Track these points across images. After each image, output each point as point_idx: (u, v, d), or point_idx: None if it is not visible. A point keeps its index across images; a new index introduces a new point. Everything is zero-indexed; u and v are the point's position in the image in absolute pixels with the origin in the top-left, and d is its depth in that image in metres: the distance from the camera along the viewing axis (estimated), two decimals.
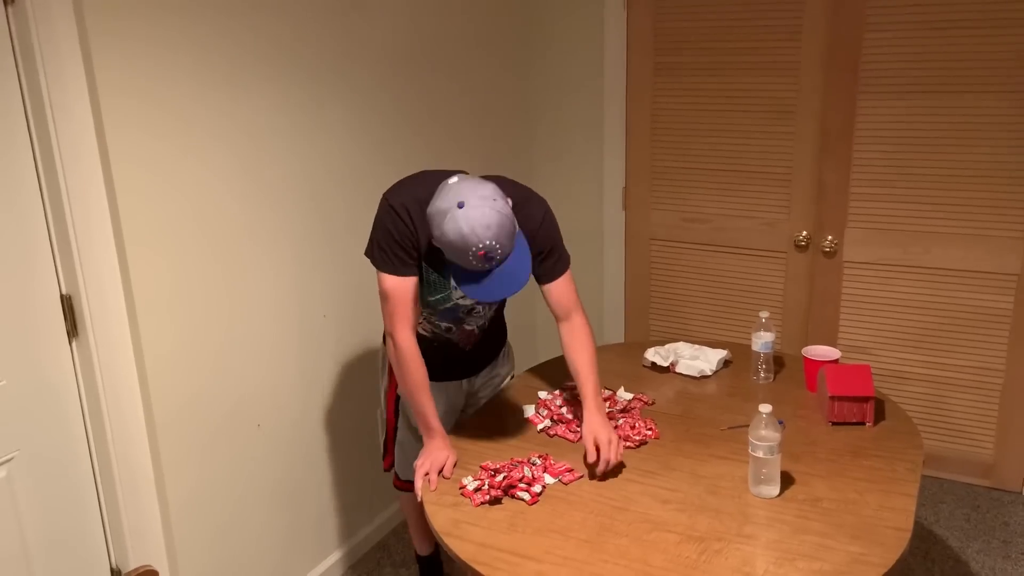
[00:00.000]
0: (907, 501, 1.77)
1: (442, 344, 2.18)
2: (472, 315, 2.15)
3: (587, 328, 2.07)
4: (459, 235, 1.70)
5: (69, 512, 2.00)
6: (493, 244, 1.71)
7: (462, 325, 2.16)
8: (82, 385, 1.98)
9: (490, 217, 1.71)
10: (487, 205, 1.72)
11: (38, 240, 1.86)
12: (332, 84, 2.49)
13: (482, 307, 2.14)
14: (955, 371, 3.09)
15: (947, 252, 2.99)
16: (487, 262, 1.74)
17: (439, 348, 2.18)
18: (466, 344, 2.21)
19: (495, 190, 1.76)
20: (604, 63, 3.37)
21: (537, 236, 2.00)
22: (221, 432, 2.29)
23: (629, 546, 1.67)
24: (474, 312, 2.14)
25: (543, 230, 2.00)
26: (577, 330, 2.05)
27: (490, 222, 1.70)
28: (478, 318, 2.16)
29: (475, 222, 1.70)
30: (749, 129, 3.20)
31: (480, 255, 1.72)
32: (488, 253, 1.72)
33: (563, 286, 2.06)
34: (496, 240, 1.71)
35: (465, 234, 1.70)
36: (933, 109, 2.90)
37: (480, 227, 1.70)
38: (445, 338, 2.18)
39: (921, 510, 3.02)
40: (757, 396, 2.28)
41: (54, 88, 1.78)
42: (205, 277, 2.18)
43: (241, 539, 2.40)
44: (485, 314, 2.17)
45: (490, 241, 1.71)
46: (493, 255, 1.73)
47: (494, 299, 1.78)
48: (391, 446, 2.37)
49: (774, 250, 3.28)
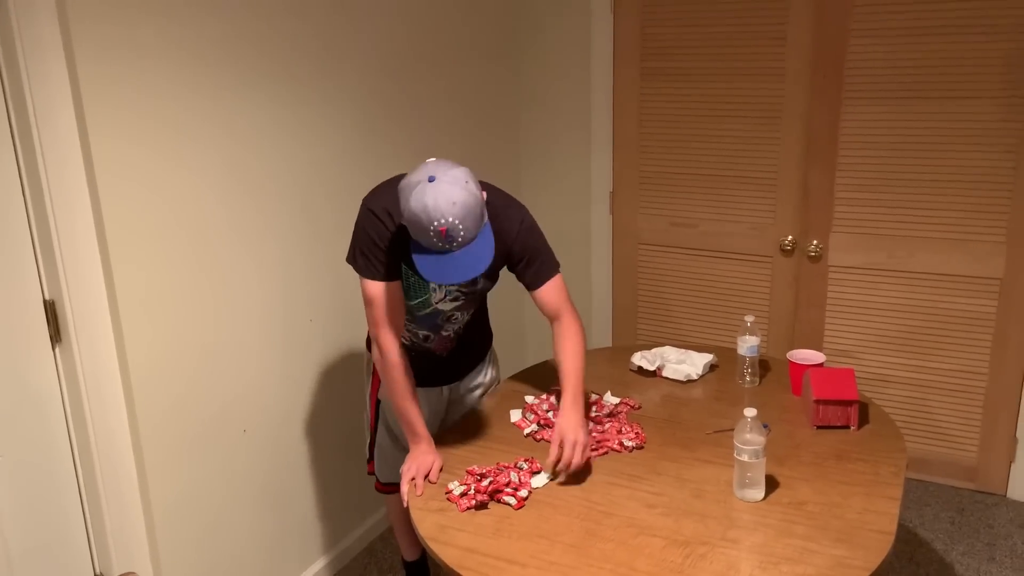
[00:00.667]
0: (891, 504, 1.78)
1: (420, 352, 2.18)
2: (450, 322, 2.14)
3: (576, 327, 2.06)
4: (423, 207, 1.67)
5: (52, 518, 1.98)
6: (455, 223, 1.67)
7: (440, 332, 2.15)
8: (65, 391, 1.96)
9: (457, 195, 1.68)
10: (458, 184, 1.69)
11: (21, 245, 1.84)
12: (317, 87, 2.49)
13: (460, 313, 2.13)
14: (939, 375, 3.11)
15: (931, 256, 3.02)
16: (448, 242, 1.70)
17: (418, 356, 2.17)
18: (443, 351, 2.20)
19: (469, 175, 1.74)
20: (591, 68, 3.39)
21: (516, 242, 1.98)
22: (206, 437, 2.27)
23: (615, 550, 1.67)
24: (452, 319, 2.14)
25: (522, 236, 1.99)
26: (566, 329, 2.05)
27: (456, 199, 1.67)
28: (455, 324, 2.16)
29: (441, 197, 1.67)
30: (735, 134, 3.22)
31: (442, 232, 1.68)
32: (449, 231, 1.68)
33: (551, 290, 2.04)
34: (459, 219, 1.68)
35: (429, 207, 1.67)
36: (917, 114, 2.93)
37: (445, 202, 1.67)
38: (424, 347, 2.17)
39: (905, 513, 3.04)
40: (743, 400, 2.28)
41: (37, 92, 1.77)
42: (190, 282, 2.17)
43: (226, 545, 2.39)
44: (462, 319, 2.17)
45: (452, 219, 1.67)
46: (455, 235, 1.69)
47: (447, 282, 1.74)
48: (373, 451, 2.37)
49: (760, 254, 3.30)
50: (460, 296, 2.08)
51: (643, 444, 2.05)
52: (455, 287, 2.05)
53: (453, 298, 2.08)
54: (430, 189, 1.68)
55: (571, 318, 2.06)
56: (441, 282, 1.74)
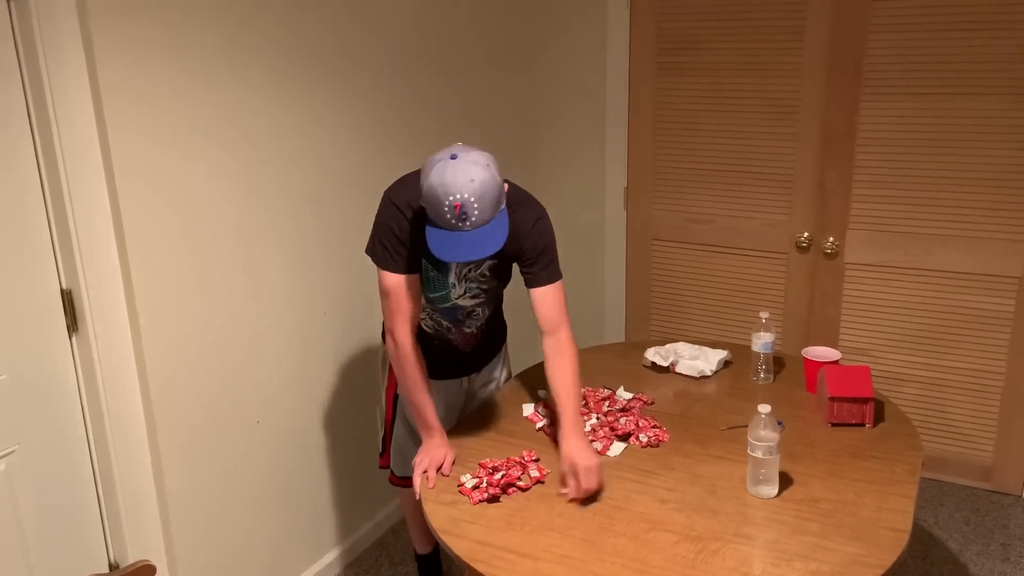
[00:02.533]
0: (906, 503, 1.77)
1: (443, 343, 2.18)
2: (471, 317, 2.14)
3: (573, 346, 2.00)
4: (441, 182, 1.69)
5: (68, 506, 2.00)
6: (470, 199, 1.68)
7: (461, 327, 2.16)
8: (82, 380, 1.98)
9: (476, 173, 1.69)
10: (478, 165, 1.71)
11: (39, 235, 1.86)
12: (331, 84, 2.49)
13: (480, 309, 2.14)
14: (955, 374, 3.08)
15: (948, 254, 2.99)
16: (460, 219, 1.70)
17: (440, 347, 2.18)
18: (465, 346, 2.21)
19: (492, 160, 1.75)
20: (607, 62, 3.37)
21: (529, 237, 1.97)
22: (220, 428, 2.29)
23: (627, 545, 1.67)
24: (473, 314, 2.14)
25: (535, 232, 1.97)
26: (563, 347, 1.98)
27: (475, 177, 1.69)
28: (477, 320, 2.16)
29: (461, 173, 1.69)
30: (751, 130, 3.20)
31: (456, 207, 1.69)
32: (464, 207, 1.69)
33: (552, 296, 1.99)
34: (474, 197, 1.69)
35: (447, 182, 1.69)
36: (936, 111, 2.90)
37: (464, 179, 1.68)
38: (446, 337, 2.18)
39: (920, 512, 3.02)
40: (756, 397, 2.27)
41: (56, 84, 1.78)
42: (205, 274, 2.18)
43: (239, 535, 2.40)
44: (483, 315, 2.17)
45: (468, 195, 1.68)
46: (468, 212, 1.69)
47: (456, 259, 1.73)
48: (388, 443, 2.37)
49: (775, 251, 3.28)
50: (480, 292, 2.09)
51: (659, 443, 2.04)
52: (475, 284, 2.06)
53: (473, 295, 2.08)
54: (451, 165, 1.70)
55: (568, 336, 2.00)
56: (448, 259, 1.74)
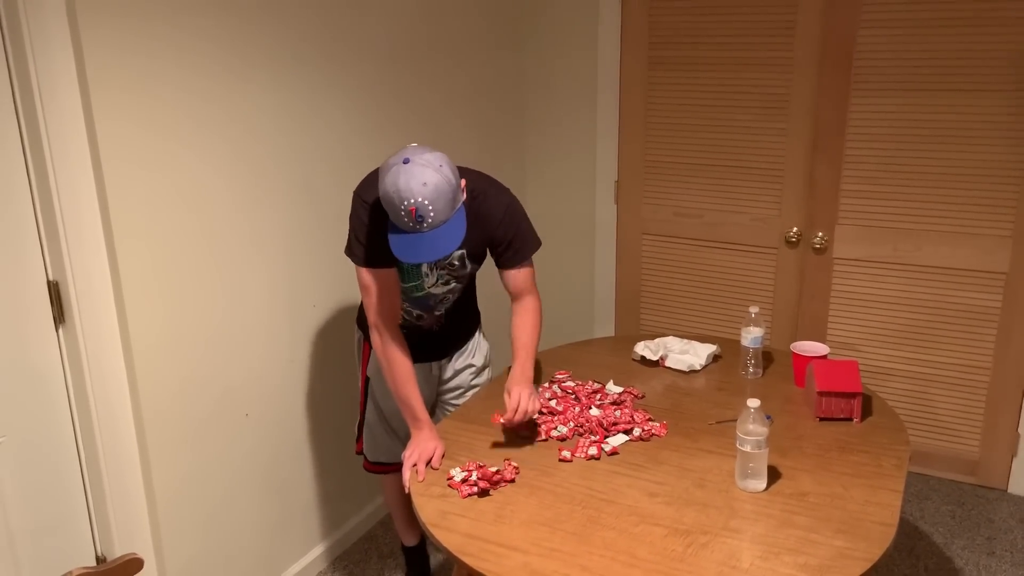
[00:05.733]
0: (893, 496, 1.78)
1: (412, 329, 2.22)
2: (443, 303, 2.19)
3: (536, 307, 2.14)
4: (395, 187, 1.73)
5: (54, 499, 1.99)
6: (425, 203, 1.73)
7: (432, 312, 2.20)
8: (68, 372, 1.96)
9: (429, 177, 1.73)
10: (431, 167, 1.75)
11: (25, 226, 1.84)
12: (324, 75, 2.47)
13: (451, 295, 2.18)
14: (942, 368, 3.10)
15: (937, 250, 3.01)
16: (417, 222, 1.75)
17: (410, 333, 2.21)
18: (432, 326, 2.24)
19: (444, 159, 1.79)
20: (598, 56, 3.37)
21: (500, 227, 2.04)
22: (209, 421, 2.28)
23: (616, 539, 1.67)
24: (444, 300, 2.18)
25: (506, 219, 2.04)
26: (527, 306, 2.13)
27: (427, 180, 1.73)
28: (446, 304, 2.21)
29: (413, 178, 1.73)
30: (742, 125, 3.20)
31: (412, 212, 1.73)
32: (419, 211, 1.73)
33: (522, 274, 2.12)
34: (429, 200, 1.73)
35: (400, 187, 1.73)
36: (925, 107, 2.91)
37: (416, 183, 1.73)
38: (416, 324, 2.22)
39: (906, 506, 3.04)
40: (745, 391, 2.28)
41: (43, 74, 1.76)
42: (194, 265, 2.17)
43: (228, 528, 2.39)
44: (452, 299, 2.21)
45: (422, 199, 1.72)
46: (424, 215, 1.74)
47: (415, 261, 1.79)
48: (362, 429, 2.38)
49: (765, 246, 3.29)
50: (451, 280, 2.13)
51: (649, 437, 2.04)
52: (445, 271, 2.11)
53: (444, 282, 2.13)
54: (403, 170, 1.74)
55: (534, 299, 2.14)
56: (410, 261, 1.80)
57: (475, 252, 2.11)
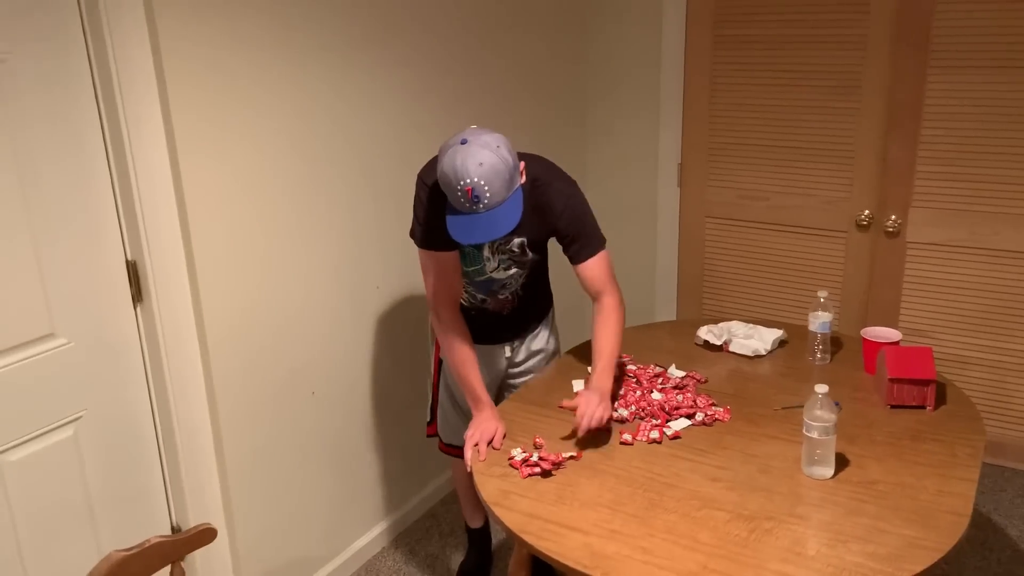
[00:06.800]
0: (967, 486, 1.73)
1: (479, 312, 2.22)
2: (505, 288, 2.18)
3: (617, 309, 2.07)
4: (452, 167, 1.73)
5: (132, 470, 2.07)
6: (481, 183, 1.72)
7: (496, 296, 2.20)
8: (146, 348, 2.04)
9: (485, 157, 1.73)
10: (488, 148, 1.74)
11: (105, 208, 1.91)
12: (386, 57, 2.50)
13: (513, 281, 2.17)
14: (1020, 357, 2.98)
15: (1016, 234, 2.88)
16: (473, 203, 1.74)
17: (478, 314, 2.21)
18: (501, 309, 2.24)
19: (503, 141, 1.78)
20: (662, 35, 3.31)
21: (562, 219, 2.01)
22: (277, 397, 2.34)
23: (677, 522, 1.66)
24: (507, 286, 2.17)
25: (567, 212, 2.01)
26: (606, 310, 2.06)
27: (484, 161, 1.72)
28: (509, 289, 2.20)
29: (470, 158, 1.72)
30: (811, 105, 3.12)
31: (467, 192, 1.73)
32: (475, 191, 1.73)
33: (594, 268, 2.05)
34: (485, 181, 1.72)
35: (457, 167, 1.73)
36: (1007, 85, 2.78)
37: (473, 164, 1.72)
38: (481, 307, 2.22)
39: (980, 498, 2.94)
40: (812, 377, 2.24)
41: (121, 60, 1.82)
42: (263, 249, 2.22)
43: (295, 502, 2.46)
44: (516, 285, 2.20)
45: (478, 179, 1.72)
46: (480, 196, 1.73)
47: (469, 242, 1.79)
48: (436, 411, 2.41)
49: (834, 229, 3.20)
50: (513, 265, 2.13)
51: (712, 422, 2.02)
52: (507, 257, 2.10)
53: (506, 267, 2.12)
54: (460, 151, 1.74)
55: (613, 299, 2.07)
56: (466, 242, 1.79)
57: (536, 240, 2.09)
